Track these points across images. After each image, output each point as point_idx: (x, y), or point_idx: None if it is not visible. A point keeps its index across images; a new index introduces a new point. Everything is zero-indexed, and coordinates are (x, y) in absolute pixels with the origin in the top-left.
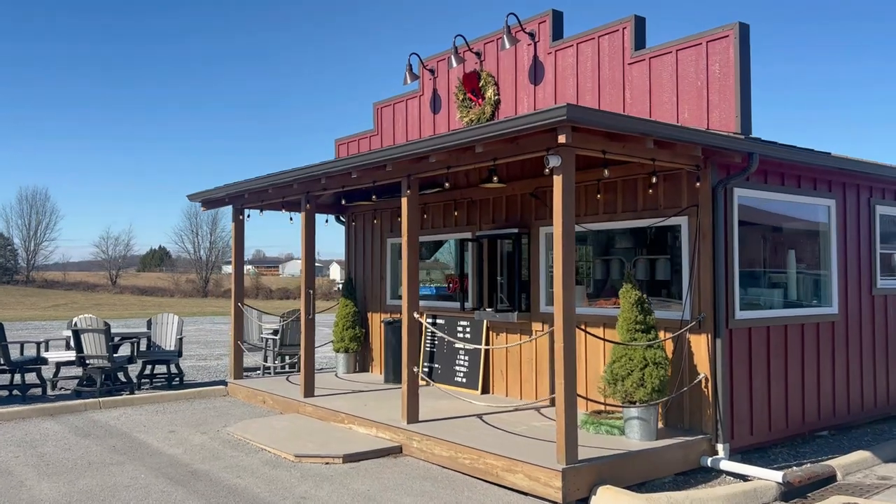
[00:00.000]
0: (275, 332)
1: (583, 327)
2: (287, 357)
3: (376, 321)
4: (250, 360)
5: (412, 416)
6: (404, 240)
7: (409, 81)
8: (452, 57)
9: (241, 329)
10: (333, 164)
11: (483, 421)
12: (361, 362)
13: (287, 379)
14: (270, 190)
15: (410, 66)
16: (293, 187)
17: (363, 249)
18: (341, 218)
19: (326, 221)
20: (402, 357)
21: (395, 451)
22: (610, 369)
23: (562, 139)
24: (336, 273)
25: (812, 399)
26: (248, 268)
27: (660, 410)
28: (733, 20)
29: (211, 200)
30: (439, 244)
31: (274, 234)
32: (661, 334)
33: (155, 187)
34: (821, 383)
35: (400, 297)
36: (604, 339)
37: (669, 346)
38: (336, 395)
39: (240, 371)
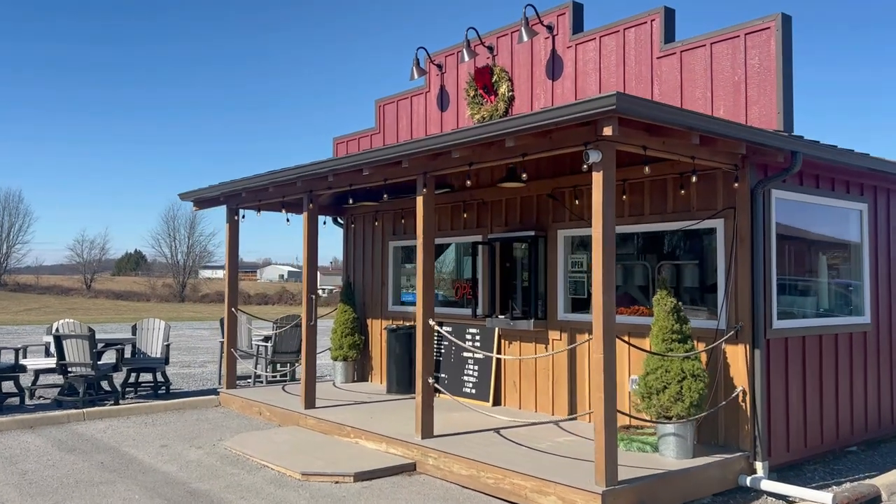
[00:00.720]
0: (266, 339)
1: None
2: (278, 365)
3: (377, 328)
4: (239, 367)
5: (427, 430)
6: (419, 242)
7: (415, 77)
8: (464, 51)
9: (234, 336)
10: (343, 160)
11: (501, 436)
12: (360, 371)
13: (283, 388)
14: (271, 188)
15: (417, 60)
16: (296, 185)
17: (363, 253)
18: (339, 220)
19: (325, 223)
20: (417, 366)
21: (409, 468)
22: (643, 382)
23: (607, 131)
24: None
25: (846, 412)
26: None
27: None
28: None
29: (204, 200)
30: (444, 248)
31: (251, 238)
32: (696, 345)
33: (132, 191)
34: (853, 396)
35: (402, 304)
36: (643, 350)
37: (703, 358)
38: (338, 407)
39: (233, 380)
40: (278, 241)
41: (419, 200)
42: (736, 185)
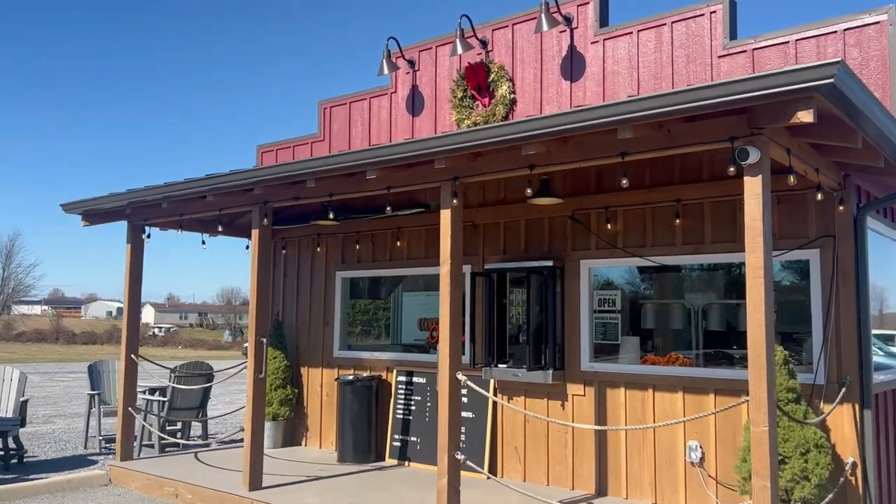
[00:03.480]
0: (153, 392)
1: (651, 391)
2: (166, 425)
3: (315, 379)
4: (106, 425)
5: None
6: (445, 270)
7: (385, 71)
8: (457, 42)
9: (133, 391)
10: (337, 158)
11: None
12: (291, 432)
13: (196, 458)
14: (210, 196)
15: (388, 52)
16: (252, 193)
17: (297, 285)
18: None
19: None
20: (440, 436)
21: None
22: (750, 454)
23: (805, 117)
24: (150, 316)
25: None
26: (44, 308)
27: None
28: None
29: (99, 212)
30: (408, 280)
31: (71, 270)
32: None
33: None
34: None
35: (351, 348)
36: (799, 422)
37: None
38: (292, 486)
39: (129, 449)
40: (102, 273)
41: (445, 215)
42: (841, 208)
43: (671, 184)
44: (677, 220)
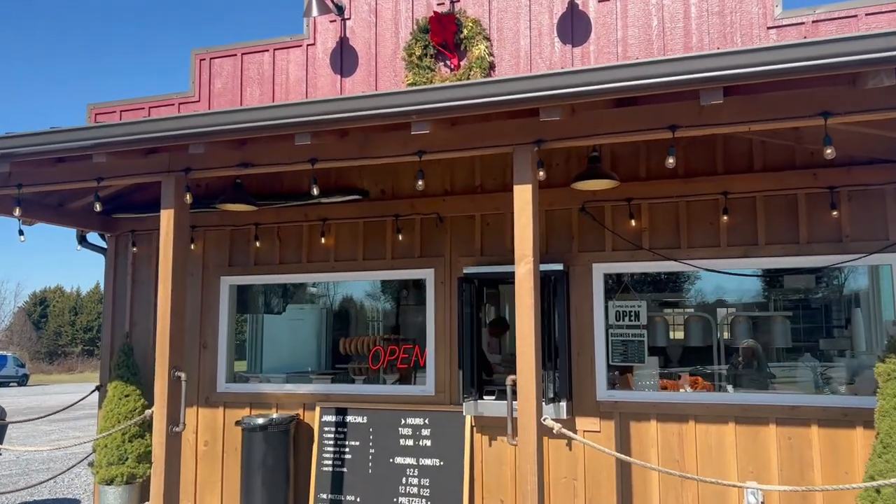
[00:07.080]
0: None
1: (692, 423)
2: None
3: (189, 422)
4: None
5: None
6: (524, 270)
7: (315, 13)
8: None
9: None
10: (365, 101)
11: None
12: (147, 495)
13: None
14: (102, 156)
15: None
16: (177, 154)
17: (155, 296)
18: (87, 239)
19: (80, 243)
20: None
21: None
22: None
23: None
24: None
25: None
26: None
27: None
28: None
29: None
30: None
31: None
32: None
33: None
34: None
35: (241, 380)
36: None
37: None
38: None
39: None
40: None
41: (524, 193)
42: None
43: (713, 174)
44: (725, 216)
